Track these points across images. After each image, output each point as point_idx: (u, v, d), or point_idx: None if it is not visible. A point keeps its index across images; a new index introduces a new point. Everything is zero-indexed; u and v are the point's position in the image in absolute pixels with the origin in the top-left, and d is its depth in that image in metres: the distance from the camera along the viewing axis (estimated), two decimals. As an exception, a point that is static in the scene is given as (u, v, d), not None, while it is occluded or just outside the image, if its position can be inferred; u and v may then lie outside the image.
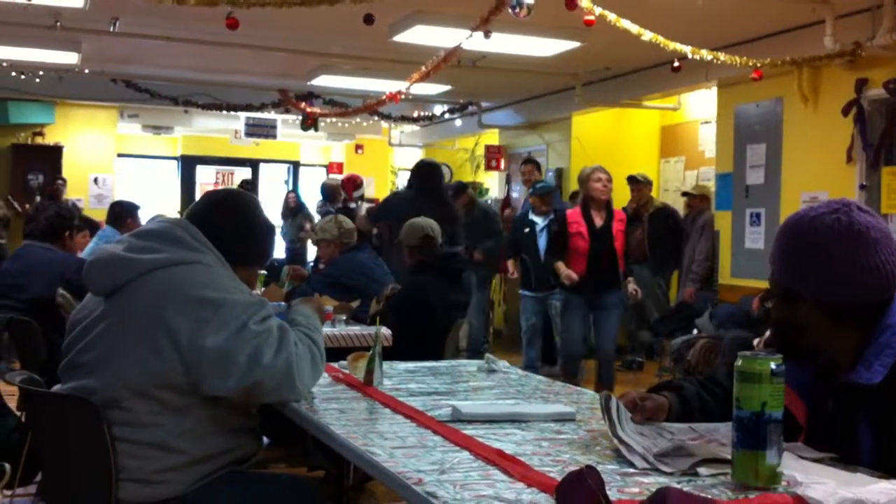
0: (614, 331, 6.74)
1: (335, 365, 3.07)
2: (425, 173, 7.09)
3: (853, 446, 1.87)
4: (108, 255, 2.46)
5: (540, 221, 7.84)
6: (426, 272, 4.92)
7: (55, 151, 12.37)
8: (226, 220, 2.58)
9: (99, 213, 9.65)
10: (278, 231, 11.41)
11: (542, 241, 7.73)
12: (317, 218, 11.15)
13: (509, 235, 8.53)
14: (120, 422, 2.30)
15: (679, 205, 9.41)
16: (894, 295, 1.93)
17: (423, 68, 6.85)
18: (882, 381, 1.84)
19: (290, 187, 16.17)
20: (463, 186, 9.58)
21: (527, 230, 7.96)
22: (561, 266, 6.49)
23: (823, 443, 1.92)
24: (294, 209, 13.49)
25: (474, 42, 6.07)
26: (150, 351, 2.29)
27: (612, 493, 1.52)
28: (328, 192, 11.02)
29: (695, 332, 7.56)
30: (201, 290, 2.33)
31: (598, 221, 6.51)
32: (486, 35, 5.74)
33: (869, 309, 1.90)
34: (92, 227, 7.22)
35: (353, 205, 9.15)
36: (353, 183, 8.82)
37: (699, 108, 9.77)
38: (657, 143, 10.68)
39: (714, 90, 8.35)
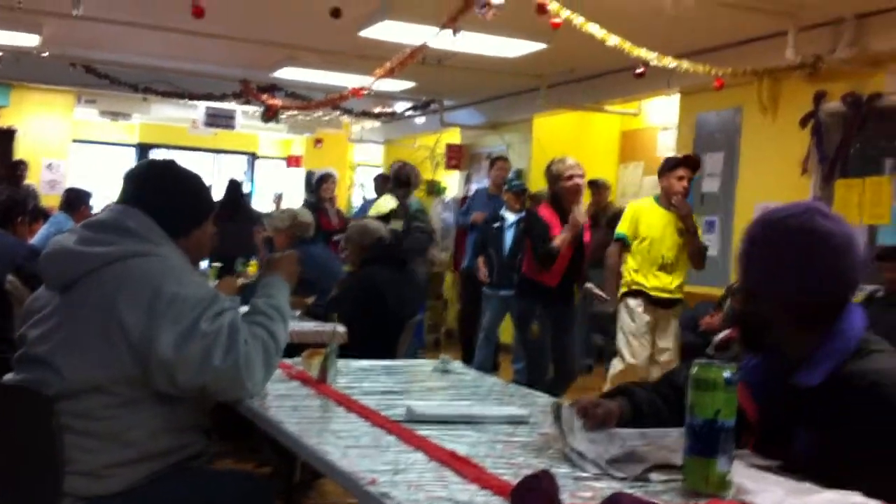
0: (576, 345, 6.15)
1: (289, 361, 3.05)
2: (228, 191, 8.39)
3: (793, 449, 1.90)
4: (61, 249, 2.42)
5: (510, 217, 7.79)
6: (374, 264, 4.93)
7: (8, 135, 12.14)
8: (158, 192, 2.52)
9: (51, 200, 9.53)
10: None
11: (508, 238, 7.70)
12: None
13: (478, 233, 8.25)
14: (72, 413, 2.27)
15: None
16: (849, 301, 1.98)
17: (388, 64, 6.83)
18: (821, 383, 1.88)
19: (248, 179, 16.07)
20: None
21: (496, 224, 7.85)
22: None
23: (770, 444, 1.95)
24: None
25: (441, 40, 6.06)
26: (103, 346, 2.26)
27: (564, 498, 1.52)
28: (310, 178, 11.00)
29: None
30: (156, 283, 2.29)
31: None
32: (454, 33, 5.74)
33: (824, 312, 1.95)
34: (45, 217, 7.12)
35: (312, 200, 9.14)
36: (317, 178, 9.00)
37: (658, 114, 9.85)
38: (616, 147, 10.75)
39: (674, 97, 8.43)
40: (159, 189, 2.54)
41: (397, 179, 8.52)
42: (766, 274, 1.99)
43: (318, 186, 9.26)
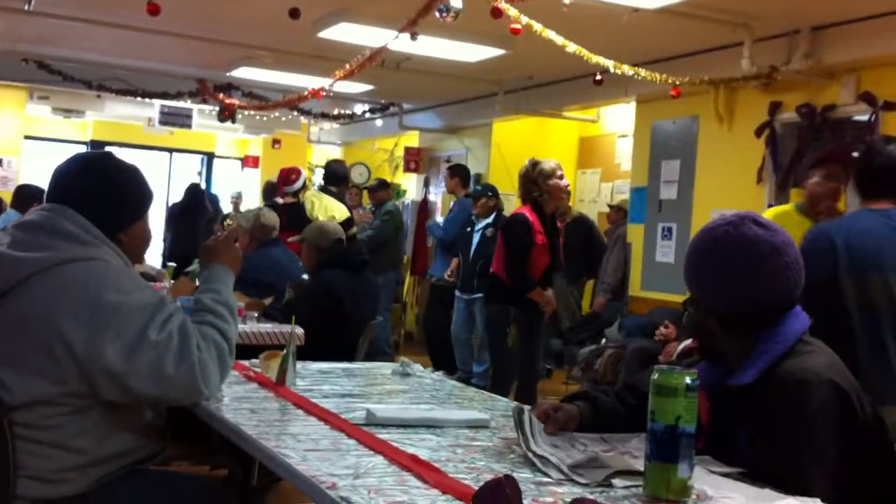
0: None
1: (247, 363, 3.01)
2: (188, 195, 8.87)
3: (733, 449, 1.93)
4: None
5: (479, 223, 7.85)
6: (330, 268, 4.90)
7: (-41, 131, 11.95)
8: (92, 188, 2.38)
9: (2, 196, 9.36)
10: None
11: (475, 242, 7.76)
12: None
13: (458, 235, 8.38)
14: (18, 422, 2.20)
15: (595, 215, 9.54)
16: (787, 304, 2.01)
17: (348, 66, 6.80)
18: (753, 383, 1.92)
19: (204, 179, 15.90)
20: (385, 184, 9.88)
21: (468, 229, 7.97)
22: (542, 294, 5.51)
23: (716, 445, 1.98)
24: None
25: (400, 43, 6.05)
26: (48, 362, 2.16)
27: (527, 503, 1.52)
28: (269, 185, 10.93)
29: (603, 341, 7.67)
30: (96, 292, 2.19)
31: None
32: (413, 37, 5.73)
33: (756, 316, 1.99)
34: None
35: (280, 200, 8.97)
36: (285, 178, 8.77)
37: (617, 121, 9.93)
38: (575, 153, 10.81)
39: (632, 105, 8.49)
40: (93, 185, 2.39)
41: (335, 176, 8.62)
42: (696, 285, 2.08)
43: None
